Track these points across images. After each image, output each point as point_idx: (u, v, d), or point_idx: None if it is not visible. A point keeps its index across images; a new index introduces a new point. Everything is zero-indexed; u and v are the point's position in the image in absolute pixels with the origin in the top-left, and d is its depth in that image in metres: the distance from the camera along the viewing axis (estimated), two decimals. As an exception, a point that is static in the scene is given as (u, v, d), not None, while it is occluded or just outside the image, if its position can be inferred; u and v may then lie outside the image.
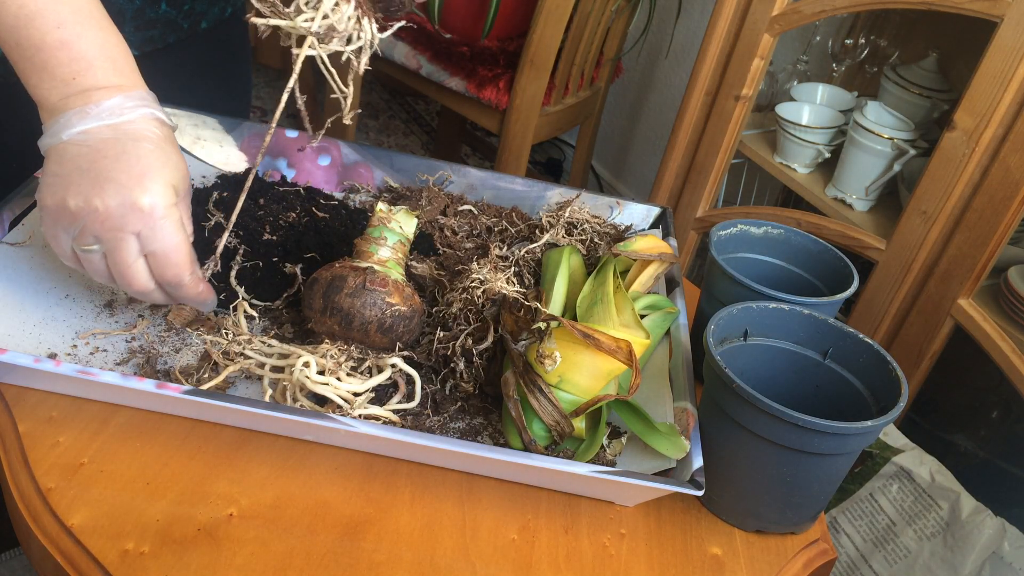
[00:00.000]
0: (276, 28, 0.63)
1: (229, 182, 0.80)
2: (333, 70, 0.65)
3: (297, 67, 0.63)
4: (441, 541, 0.59)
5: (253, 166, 0.69)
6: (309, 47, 0.63)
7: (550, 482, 0.64)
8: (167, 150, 0.60)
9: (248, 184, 0.68)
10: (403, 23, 0.67)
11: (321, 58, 0.64)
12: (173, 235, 0.60)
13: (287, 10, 0.62)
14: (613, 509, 0.65)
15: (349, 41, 0.64)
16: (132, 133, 0.59)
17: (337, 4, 0.62)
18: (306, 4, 0.62)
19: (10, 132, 0.90)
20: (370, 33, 0.64)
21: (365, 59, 0.66)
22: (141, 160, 0.58)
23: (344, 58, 0.65)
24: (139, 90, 0.61)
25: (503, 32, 1.89)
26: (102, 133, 0.58)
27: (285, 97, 0.65)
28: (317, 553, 0.56)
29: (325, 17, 0.62)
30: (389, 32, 0.66)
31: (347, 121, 0.68)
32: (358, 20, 0.63)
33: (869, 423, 0.57)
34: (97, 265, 0.61)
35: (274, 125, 0.68)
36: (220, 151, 0.91)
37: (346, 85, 0.67)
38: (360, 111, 0.67)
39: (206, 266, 0.67)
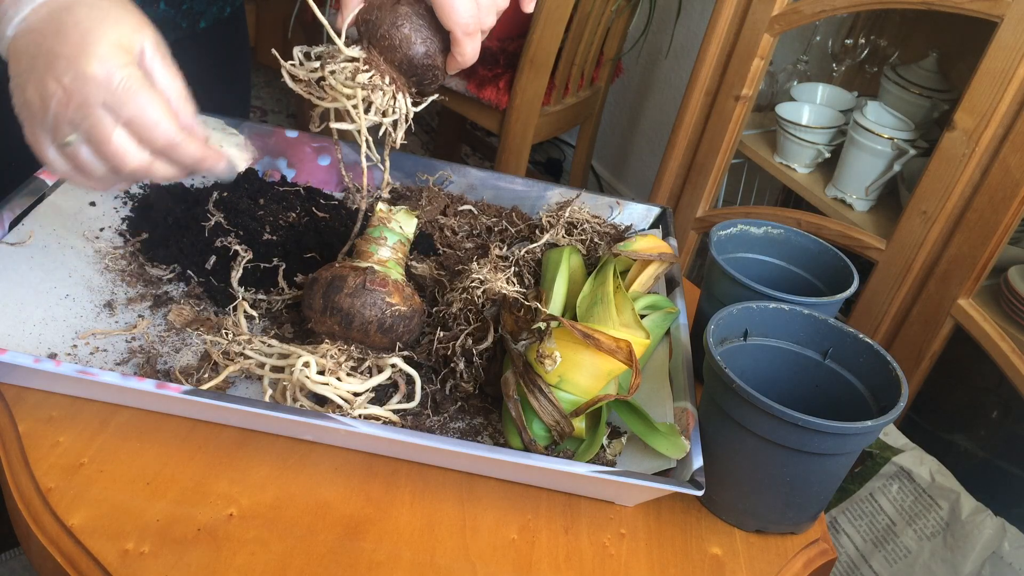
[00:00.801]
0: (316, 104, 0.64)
1: (229, 182, 0.80)
2: (369, 139, 0.66)
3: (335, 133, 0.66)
4: (441, 541, 0.59)
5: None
6: (349, 124, 0.64)
7: (550, 482, 0.64)
8: (103, 7, 0.55)
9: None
10: (436, 96, 0.68)
11: (359, 130, 0.65)
12: (139, 96, 0.55)
13: (322, 84, 0.63)
14: (613, 509, 0.65)
15: (384, 114, 0.65)
16: (64, 3, 0.55)
17: (371, 80, 0.63)
18: (343, 82, 0.63)
19: (10, 132, 0.90)
20: (405, 108, 0.65)
21: (401, 133, 0.67)
22: (79, 26, 0.54)
23: (382, 132, 0.66)
24: None
25: (503, 32, 1.89)
26: (39, 14, 0.55)
27: (365, 165, 0.69)
28: (317, 553, 0.56)
29: (368, 104, 0.63)
30: (423, 106, 0.67)
31: (386, 195, 0.68)
32: (393, 95, 0.64)
33: (869, 423, 0.57)
34: (86, 158, 0.57)
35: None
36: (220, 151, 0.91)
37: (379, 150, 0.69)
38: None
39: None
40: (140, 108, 0.55)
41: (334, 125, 0.64)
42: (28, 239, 0.73)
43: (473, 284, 0.70)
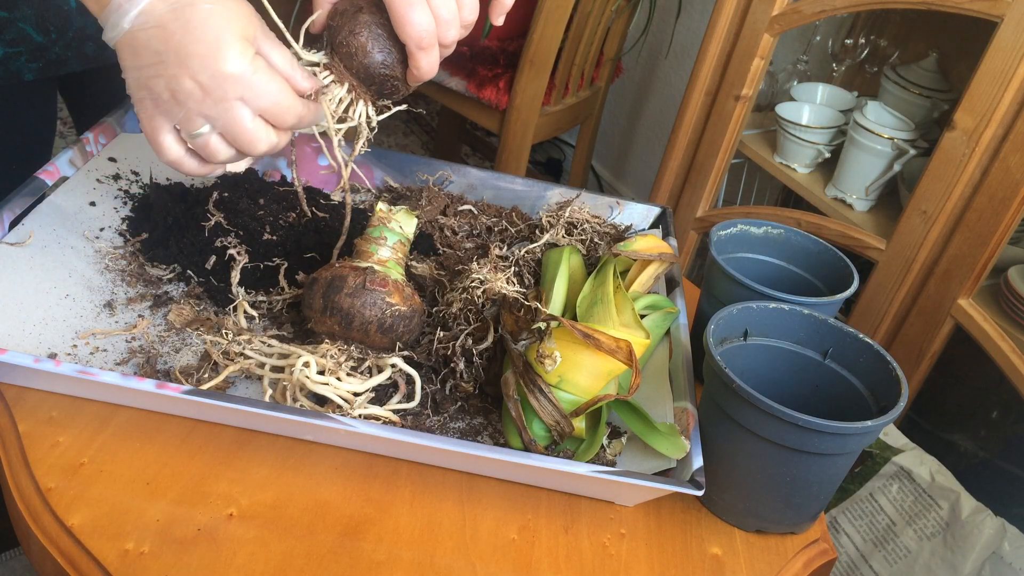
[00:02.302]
0: None
1: (229, 182, 0.81)
2: (333, 144, 0.66)
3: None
4: (441, 541, 0.59)
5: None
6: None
7: (550, 482, 0.64)
8: (223, 2, 0.58)
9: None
10: (402, 107, 0.67)
11: (324, 135, 0.65)
12: (271, 85, 0.58)
13: None
14: (613, 509, 0.65)
15: (342, 120, 0.65)
16: (186, 2, 0.57)
17: (327, 87, 0.63)
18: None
19: (10, 132, 0.90)
20: (365, 114, 0.65)
21: (361, 143, 0.66)
22: (207, 25, 0.56)
23: (339, 137, 0.65)
24: None
25: (503, 32, 1.89)
26: (157, 9, 0.56)
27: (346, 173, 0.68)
28: (317, 553, 0.56)
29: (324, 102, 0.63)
30: (385, 116, 0.67)
31: (336, 197, 0.68)
32: (352, 102, 0.64)
33: (869, 423, 0.57)
34: (215, 146, 0.60)
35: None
36: (220, 151, 0.91)
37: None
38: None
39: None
40: (274, 97, 0.58)
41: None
42: (28, 239, 0.73)
43: (473, 284, 0.70)
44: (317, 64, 0.63)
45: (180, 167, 0.61)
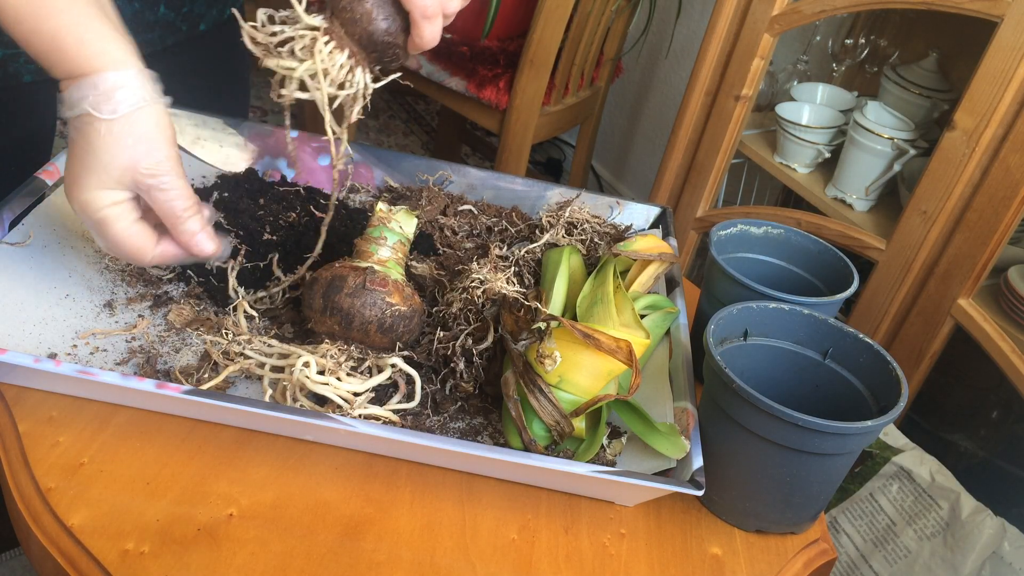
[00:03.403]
0: (269, 69, 0.64)
1: (229, 182, 0.81)
2: (327, 112, 0.65)
3: (286, 117, 0.66)
4: (441, 541, 0.59)
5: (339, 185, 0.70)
6: (299, 90, 0.64)
7: (550, 482, 0.64)
8: (106, 143, 0.59)
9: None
10: (398, 76, 0.67)
11: (321, 100, 0.65)
12: (109, 234, 0.60)
13: (280, 50, 0.63)
14: (613, 509, 0.65)
15: (341, 87, 0.64)
16: (79, 124, 0.58)
17: (331, 52, 0.63)
18: (301, 49, 0.63)
19: (10, 133, 0.90)
20: (363, 83, 0.65)
21: (358, 108, 0.66)
22: (77, 160, 0.59)
23: (336, 104, 0.65)
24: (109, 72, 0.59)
25: (503, 32, 1.89)
26: (75, 123, 0.59)
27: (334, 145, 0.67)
28: (317, 553, 0.56)
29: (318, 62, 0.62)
30: (382, 83, 0.66)
31: (339, 167, 0.69)
32: (351, 69, 0.64)
33: (869, 423, 0.57)
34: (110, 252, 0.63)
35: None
36: (220, 151, 0.91)
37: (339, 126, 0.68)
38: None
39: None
40: (112, 243, 0.62)
41: (285, 91, 0.64)
42: (28, 239, 0.73)
43: (473, 284, 0.70)
44: (317, 28, 0.63)
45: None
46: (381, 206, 0.71)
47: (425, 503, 0.62)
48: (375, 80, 0.66)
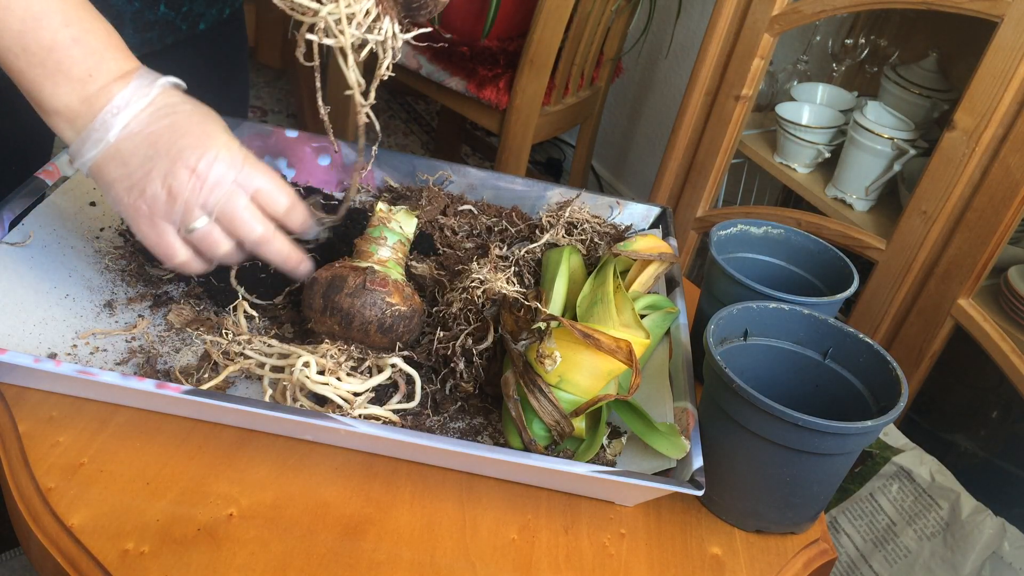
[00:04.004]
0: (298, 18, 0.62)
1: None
2: (351, 64, 0.63)
3: (345, 62, 0.63)
4: (441, 541, 0.59)
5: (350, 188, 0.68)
6: (327, 36, 0.62)
7: (550, 482, 0.64)
8: (199, 104, 0.61)
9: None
10: (427, 29, 0.65)
11: (341, 51, 0.62)
12: (261, 168, 0.61)
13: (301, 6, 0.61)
14: (613, 509, 0.65)
15: (369, 35, 0.62)
16: (165, 105, 0.60)
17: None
18: None
19: (10, 132, 0.90)
20: (391, 31, 0.63)
21: (388, 60, 0.64)
22: (192, 120, 0.59)
23: (364, 55, 0.63)
24: (140, 67, 0.61)
25: (503, 32, 1.89)
26: (142, 119, 0.59)
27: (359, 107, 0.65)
28: (317, 553, 0.56)
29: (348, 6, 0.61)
30: (411, 35, 0.65)
31: (363, 119, 0.67)
32: (378, 16, 0.62)
33: (869, 423, 0.57)
34: (214, 236, 0.61)
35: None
36: (220, 151, 0.91)
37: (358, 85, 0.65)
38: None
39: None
40: (267, 179, 0.62)
41: (310, 35, 0.62)
42: (28, 239, 0.73)
43: (473, 284, 0.70)
44: None
45: (188, 268, 0.63)
46: (381, 206, 0.71)
47: (425, 503, 0.62)
48: (405, 32, 0.64)
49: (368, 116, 0.67)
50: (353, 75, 0.64)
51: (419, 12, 0.64)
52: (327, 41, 0.62)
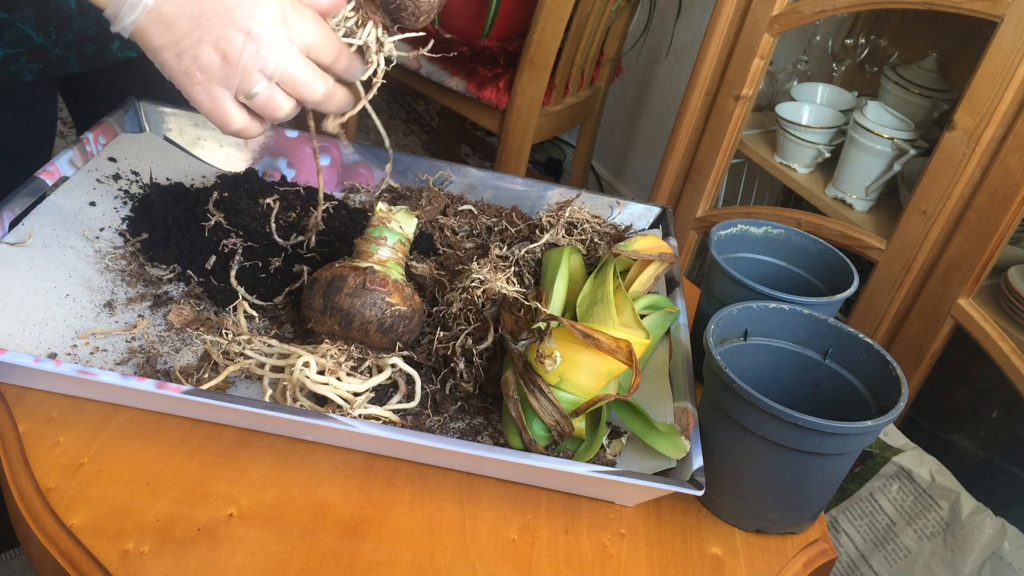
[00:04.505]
0: None
1: (229, 182, 0.81)
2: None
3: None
4: (441, 541, 0.59)
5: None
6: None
7: (550, 482, 0.64)
8: None
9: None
10: (419, 34, 0.65)
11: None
12: (313, 20, 0.58)
13: None
14: (613, 509, 0.65)
15: (349, 38, 0.62)
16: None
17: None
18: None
19: (11, 133, 0.90)
20: (374, 37, 0.63)
21: (378, 68, 0.64)
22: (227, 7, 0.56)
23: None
24: None
25: (503, 32, 1.89)
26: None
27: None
28: (317, 553, 0.56)
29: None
30: (395, 39, 0.64)
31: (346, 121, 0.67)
32: (358, 23, 0.62)
33: (869, 423, 0.57)
34: (276, 101, 0.59)
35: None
36: (220, 151, 0.91)
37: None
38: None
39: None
40: (315, 29, 0.58)
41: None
42: (28, 239, 0.73)
43: (473, 284, 0.70)
44: None
45: (246, 134, 0.61)
46: (381, 206, 0.71)
47: (425, 503, 0.62)
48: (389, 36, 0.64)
49: (343, 128, 0.67)
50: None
51: (407, 19, 0.64)
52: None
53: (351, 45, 0.62)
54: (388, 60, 0.65)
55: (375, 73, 0.64)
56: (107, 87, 0.98)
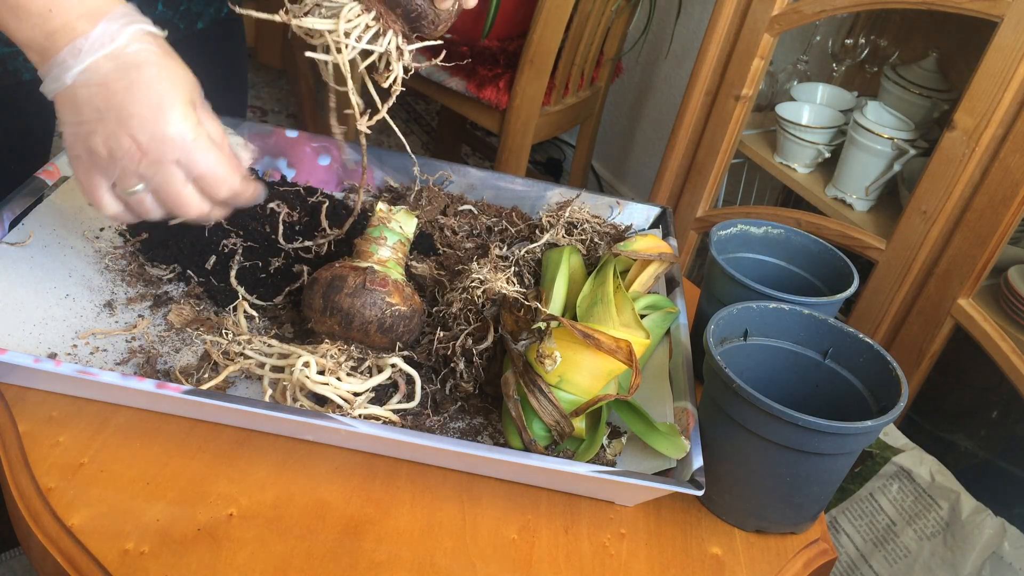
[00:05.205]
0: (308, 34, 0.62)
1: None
2: (350, 85, 0.63)
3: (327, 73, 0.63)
4: (441, 541, 0.59)
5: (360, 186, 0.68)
6: (325, 52, 0.62)
7: (550, 482, 0.64)
8: (169, 66, 0.59)
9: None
10: (436, 42, 0.65)
11: (337, 68, 0.63)
12: (208, 154, 0.59)
13: (302, 13, 0.62)
14: (613, 509, 0.65)
15: (369, 54, 0.63)
16: (131, 59, 0.57)
17: (357, 14, 0.61)
18: (327, 10, 0.61)
19: (10, 132, 0.90)
20: (395, 44, 0.63)
21: (396, 72, 0.64)
22: (152, 88, 0.57)
23: (366, 65, 0.63)
24: (117, 7, 0.58)
25: (503, 32, 1.89)
26: (102, 67, 0.56)
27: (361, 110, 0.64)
28: (317, 553, 0.56)
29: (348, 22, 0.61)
30: (414, 47, 0.64)
31: (364, 139, 0.67)
32: (379, 33, 0.62)
33: (869, 423, 0.57)
34: (147, 205, 0.60)
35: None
36: (220, 151, 0.91)
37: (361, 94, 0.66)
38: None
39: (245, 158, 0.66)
40: (211, 167, 0.59)
41: (310, 55, 0.62)
42: (28, 239, 0.73)
43: (473, 284, 0.70)
44: None
45: (119, 219, 0.62)
46: (381, 206, 0.71)
47: (425, 503, 0.62)
48: (407, 43, 0.64)
49: (366, 134, 0.67)
50: (355, 98, 0.64)
51: (421, 24, 0.63)
52: (326, 57, 0.62)
53: (372, 52, 0.62)
54: (406, 68, 0.65)
55: (395, 81, 0.65)
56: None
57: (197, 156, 0.58)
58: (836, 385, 0.67)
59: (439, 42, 0.65)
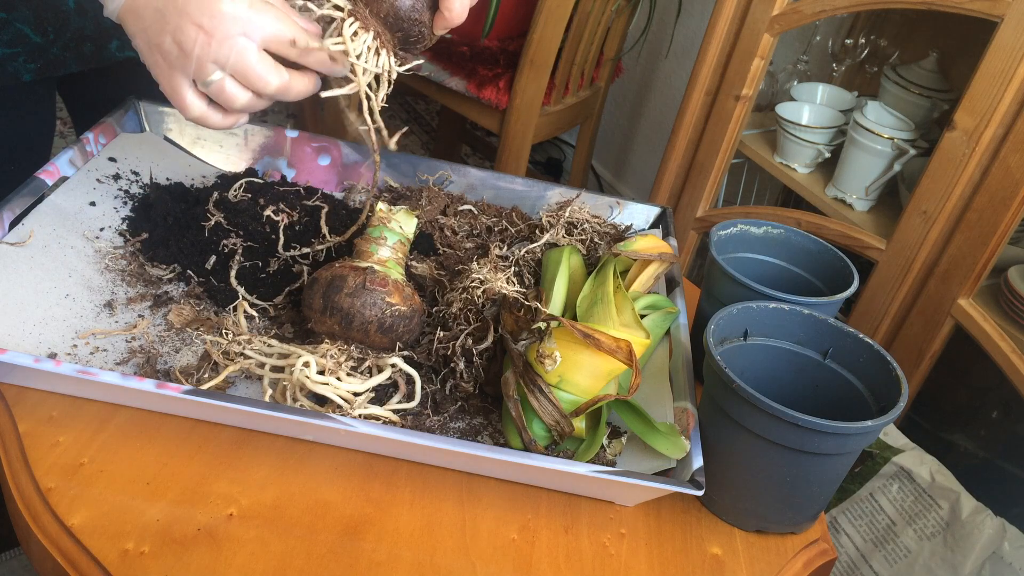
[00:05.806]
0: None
1: (229, 182, 0.81)
2: (375, 108, 0.64)
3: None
4: (441, 541, 0.59)
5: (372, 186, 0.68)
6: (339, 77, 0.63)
7: (550, 482, 0.64)
8: None
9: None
10: (420, 62, 0.66)
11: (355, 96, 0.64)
12: (266, 15, 0.60)
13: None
14: (613, 509, 0.65)
15: (365, 70, 0.63)
16: None
17: (356, 33, 0.62)
18: (327, 31, 0.63)
19: (10, 133, 0.90)
20: (388, 65, 0.64)
21: (383, 92, 0.65)
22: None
23: (354, 86, 0.64)
24: None
25: (503, 32, 1.89)
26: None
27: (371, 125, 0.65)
28: (317, 553, 0.56)
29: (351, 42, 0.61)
30: (407, 67, 0.66)
31: (377, 161, 0.68)
32: (376, 51, 0.63)
33: (869, 423, 0.57)
34: (231, 91, 0.61)
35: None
36: (220, 151, 0.91)
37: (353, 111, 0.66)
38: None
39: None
40: (273, 26, 0.60)
41: (326, 94, 0.63)
42: (28, 239, 0.73)
43: (473, 284, 0.70)
44: (341, 8, 0.62)
45: (206, 122, 0.63)
46: (381, 206, 0.71)
47: (425, 503, 0.62)
48: (399, 64, 0.65)
49: (378, 157, 0.67)
50: (372, 118, 0.65)
51: (415, 43, 0.65)
52: (348, 90, 0.63)
53: (358, 68, 0.63)
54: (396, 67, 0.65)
55: (388, 84, 0.66)
56: (106, 87, 0.99)
57: (258, 21, 0.59)
58: (836, 385, 0.67)
59: (421, 61, 0.66)
